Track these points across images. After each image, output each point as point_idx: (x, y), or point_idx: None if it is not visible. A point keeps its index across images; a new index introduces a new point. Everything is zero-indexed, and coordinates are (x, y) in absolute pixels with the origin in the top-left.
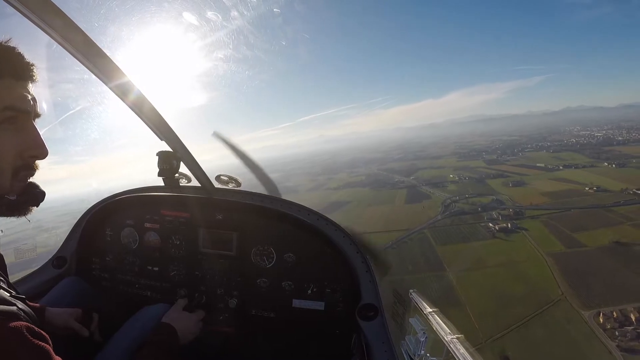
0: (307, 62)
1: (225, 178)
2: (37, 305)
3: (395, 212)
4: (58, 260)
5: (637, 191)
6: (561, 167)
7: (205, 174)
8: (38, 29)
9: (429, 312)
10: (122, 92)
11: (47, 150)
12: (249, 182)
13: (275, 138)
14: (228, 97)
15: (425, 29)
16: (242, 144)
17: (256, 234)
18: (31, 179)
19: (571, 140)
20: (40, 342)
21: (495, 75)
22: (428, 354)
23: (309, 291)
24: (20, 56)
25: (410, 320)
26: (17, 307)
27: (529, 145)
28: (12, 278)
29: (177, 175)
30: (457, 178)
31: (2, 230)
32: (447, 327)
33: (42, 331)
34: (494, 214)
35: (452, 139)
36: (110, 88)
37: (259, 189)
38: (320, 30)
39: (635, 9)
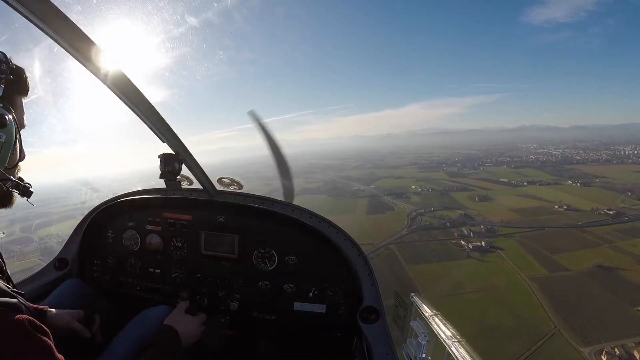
0: (266, 65)
1: (227, 180)
2: (40, 307)
3: (357, 223)
4: (60, 262)
5: (608, 211)
6: (525, 183)
7: (207, 176)
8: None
9: (430, 316)
10: (124, 93)
11: (25, 154)
12: (250, 185)
13: (231, 140)
14: (185, 95)
15: (387, 39)
16: (198, 144)
17: (258, 237)
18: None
19: (530, 157)
20: (42, 337)
21: (455, 90)
22: (429, 357)
23: (311, 294)
24: (27, 77)
25: (412, 323)
26: (18, 300)
27: (489, 160)
28: (15, 280)
29: (179, 177)
30: (419, 189)
31: (3, 232)
32: (449, 331)
33: (43, 325)
34: (465, 230)
35: (411, 149)
36: (111, 89)
37: (261, 191)
38: (281, 35)
39: (592, 37)
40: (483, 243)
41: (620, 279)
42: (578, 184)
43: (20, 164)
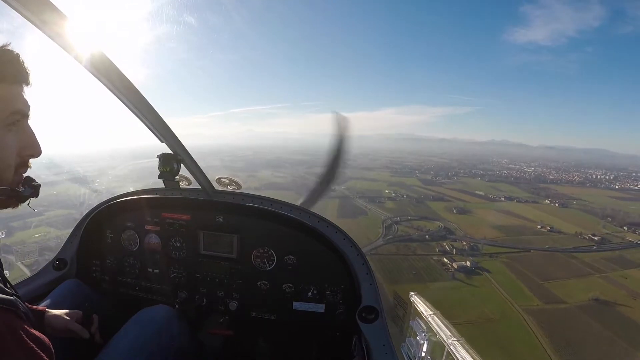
0: (244, 55)
1: (226, 180)
2: (38, 307)
3: None
4: (58, 262)
5: (592, 237)
6: (502, 199)
7: (205, 176)
8: None
9: (430, 315)
10: (121, 91)
11: (41, 150)
12: (249, 185)
13: (202, 126)
14: (163, 77)
15: (367, 42)
16: (172, 127)
17: (257, 236)
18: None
19: (503, 171)
20: (36, 348)
21: (428, 98)
22: (429, 357)
23: (310, 293)
24: (23, 62)
25: (411, 322)
26: (15, 297)
27: (462, 171)
28: (14, 281)
29: (177, 177)
30: (393, 194)
31: (3, 233)
32: (448, 330)
33: (35, 332)
34: (446, 245)
35: (382, 152)
36: (106, 85)
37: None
38: (262, 28)
39: (569, 62)
40: (468, 263)
41: (620, 317)
42: (556, 205)
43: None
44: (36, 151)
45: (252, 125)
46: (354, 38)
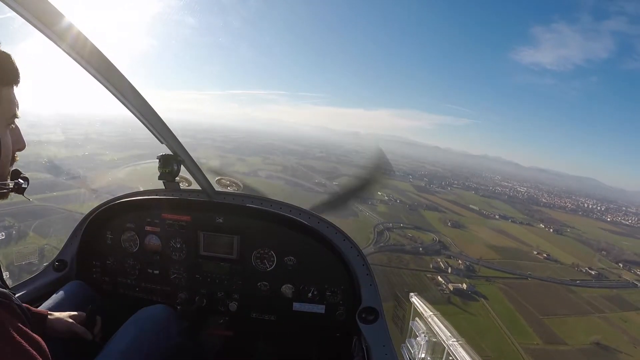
0: (249, 37)
1: (226, 181)
2: (40, 310)
3: None
4: (59, 263)
5: (589, 270)
6: (497, 217)
7: (205, 177)
8: None
9: (430, 315)
10: (120, 91)
11: (25, 143)
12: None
13: (200, 103)
14: (165, 49)
15: (373, 40)
16: (170, 100)
17: (257, 237)
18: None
19: (496, 188)
20: (25, 343)
21: (427, 105)
22: (429, 358)
23: (310, 294)
24: (14, 62)
25: (411, 323)
26: (11, 292)
27: (456, 182)
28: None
29: (177, 178)
30: (386, 197)
31: (3, 234)
32: (448, 331)
33: (28, 330)
34: (441, 262)
35: (376, 152)
36: (106, 87)
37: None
38: (268, 14)
39: (571, 89)
40: (464, 285)
41: None
42: (551, 230)
43: (17, 153)
44: (22, 145)
45: (249, 109)
46: (360, 36)
